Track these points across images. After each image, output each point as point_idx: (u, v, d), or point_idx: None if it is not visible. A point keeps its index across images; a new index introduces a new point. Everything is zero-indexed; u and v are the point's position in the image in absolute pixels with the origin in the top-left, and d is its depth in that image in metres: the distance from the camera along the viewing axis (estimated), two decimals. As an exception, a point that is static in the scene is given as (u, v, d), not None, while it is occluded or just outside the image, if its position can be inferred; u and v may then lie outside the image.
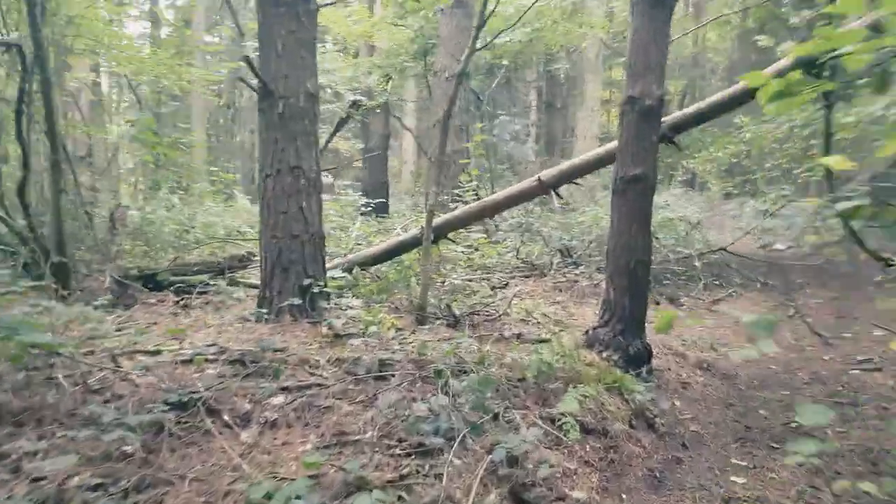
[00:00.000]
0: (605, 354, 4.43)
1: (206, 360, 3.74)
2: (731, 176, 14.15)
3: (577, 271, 7.35)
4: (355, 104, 12.42)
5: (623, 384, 3.94)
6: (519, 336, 4.74)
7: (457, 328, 4.95)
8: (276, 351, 3.92)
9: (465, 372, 3.76)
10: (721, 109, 4.70)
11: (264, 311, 4.56)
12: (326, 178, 7.66)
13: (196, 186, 9.97)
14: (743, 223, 15.30)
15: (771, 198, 11.35)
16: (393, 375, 3.61)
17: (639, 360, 4.49)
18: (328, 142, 14.79)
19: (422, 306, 4.91)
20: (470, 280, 6.83)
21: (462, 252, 7.23)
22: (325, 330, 4.38)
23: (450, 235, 5.75)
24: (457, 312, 5.20)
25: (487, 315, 5.37)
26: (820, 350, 5.89)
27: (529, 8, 8.16)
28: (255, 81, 4.65)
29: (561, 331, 5.22)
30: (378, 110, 12.55)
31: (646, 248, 4.60)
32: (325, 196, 8.24)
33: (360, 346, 4.13)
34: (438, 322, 4.98)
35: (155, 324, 4.92)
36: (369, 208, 9.64)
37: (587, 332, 4.70)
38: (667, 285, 8.06)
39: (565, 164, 5.14)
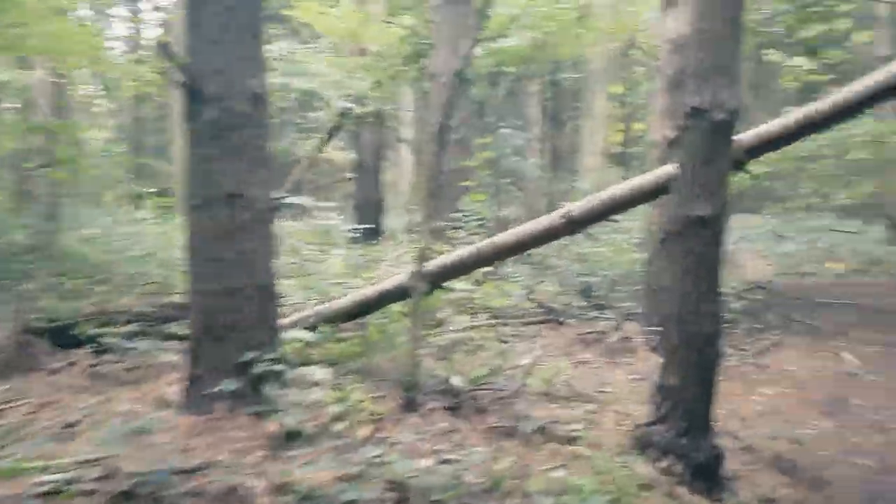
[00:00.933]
0: (664, 465, 3.17)
1: (81, 493, 2.49)
2: (763, 198, 12.99)
3: (602, 319, 6.09)
4: (344, 113, 11.16)
5: (700, 523, 2.70)
6: (543, 430, 3.48)
7: (459, 414, 3.69)
8: (189, 472, 2.67)
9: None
10: (827, 122, 3.45)
11: (189, 397, 3.29)
12: (303, 200, 6.43)
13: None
14: (761, 247, 14.15)
15: (808, 226, 10.21)
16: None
17: (709, 470, 3.24)
18: (318, 154, 13.58)
19: (411, 384, 3.64)
20: (472, 327, 5.59)
21: (464, 291, 5.95)
22: (272, 428, 3.12)
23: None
24: (458, 384, 3.94)
25: (498, 390, 4.11)
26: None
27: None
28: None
29: (592, 413, 3.97)
30: (370, 119, 11.34)
31: (716, 315, 3.36)
32: (296, 224, 7.00)
33: (321, 457, 2.87)
34: (433, 404, 3.72)
35: (49, 404, 3.66)
36: (357, 233, 8.39)
37: (636, 427, 3.44)
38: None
39: (601, 197, 3.87)
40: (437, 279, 4.18)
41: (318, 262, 5.77)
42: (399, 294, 4.21)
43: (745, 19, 3.44)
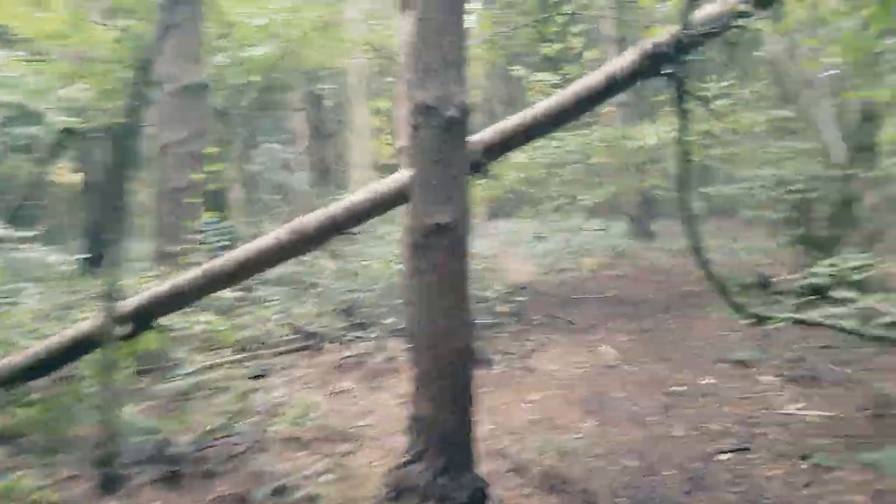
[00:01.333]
0: (422, 512, 2.74)
1: None
2: (519, 203, 13.55)
3: (365, 340, 5.62)
4: (67, 128, 9.63)
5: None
6: (283, 491, 2.88)
7: (177, 484, 2.96)
8: None
9: None
10: (563, 115, 3.28)
11: None
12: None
13: None
14: (521, 249, 14.86)
15: (564, 226, 10.78)
16: None
17: (473, 507, 2.88)
18: (40, 178, 11.64)
19: (109, 456, 2.85)
20: (212, 366, 4.82)
21: (203, 323, 5.14)
22: None
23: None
24: (179, 444, 3.21)
25: (233, 444, 3.43)
26: (665, 420, 4.74)
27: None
28: None
29: (347, 454, 3.46)
30: (100, 134, 9.88)
31: (467, 329, 3.01)
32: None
33: None
34: (143, 477, 2.95)
35: None
36: (79, 265, 7.09)
37: (391, 470, 2.97)
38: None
39: (336, 208, 3.36)
40: (150, 314, 3.41)
41: (8, 304, 4.61)
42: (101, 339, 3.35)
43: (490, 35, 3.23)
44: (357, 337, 5.65)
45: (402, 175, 3.36)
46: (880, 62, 4.37)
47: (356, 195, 3.41)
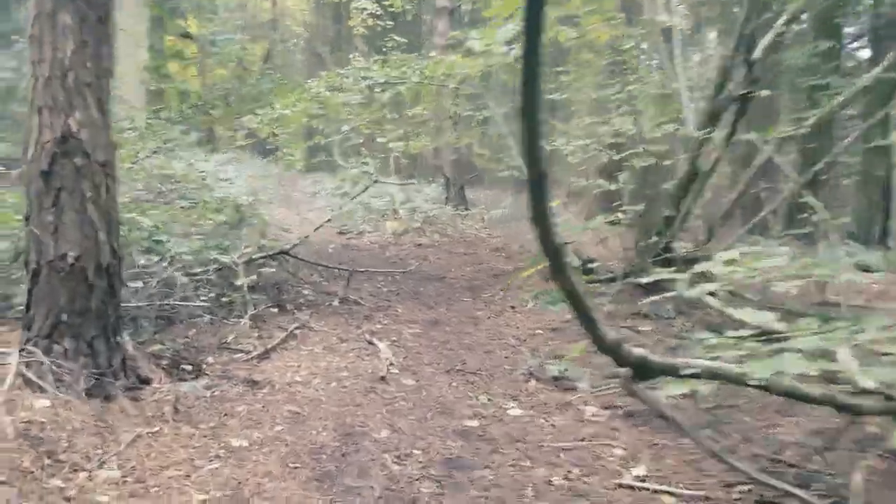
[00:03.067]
0: None
1: None
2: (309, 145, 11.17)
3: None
4: None
5: None
6: None
7: None
8: None
9: None
10: None
11: None
12: None
13: None
14: (321, 204, 12.65)
15: (351, 175, 8.63)
16: None
17: None
18: None
19: None
20: None
21: None
22: None
23: None
24: None
25: None
26: (440, 498, 2.84)
27: None
28: None
29: None
30: None
31: None
32: None
33: None
34: None
35: None
36: None
37: None
38: (174, 332, 4.39)
39: None
40: None
41: None
42: None
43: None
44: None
45: None
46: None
47: None
